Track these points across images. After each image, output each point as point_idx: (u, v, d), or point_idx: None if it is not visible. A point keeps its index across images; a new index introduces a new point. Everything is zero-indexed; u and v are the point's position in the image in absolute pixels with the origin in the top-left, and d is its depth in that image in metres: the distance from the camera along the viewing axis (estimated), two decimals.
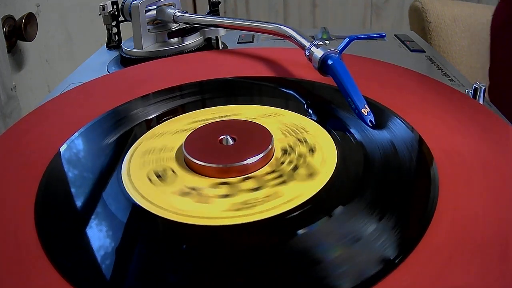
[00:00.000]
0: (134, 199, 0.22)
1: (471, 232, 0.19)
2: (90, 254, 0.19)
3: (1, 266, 0.19)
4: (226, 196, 0.22)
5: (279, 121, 0.28)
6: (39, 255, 0.19)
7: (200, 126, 0.27)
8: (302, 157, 0.25)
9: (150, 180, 0.24)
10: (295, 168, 0.24)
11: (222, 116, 0.29)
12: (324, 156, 0.25)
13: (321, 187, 0.22)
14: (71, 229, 0.21)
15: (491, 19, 0.58)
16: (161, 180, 0.24)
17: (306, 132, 0.27)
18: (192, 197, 0.22)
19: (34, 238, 0.20)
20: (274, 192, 0.22)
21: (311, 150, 0.25)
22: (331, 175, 0.23)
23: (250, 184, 0.23)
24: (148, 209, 0.22)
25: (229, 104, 0.31)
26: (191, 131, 0.27)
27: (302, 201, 0.21)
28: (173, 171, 0.24)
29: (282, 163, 0.24)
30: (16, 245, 0.20)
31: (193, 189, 0.23)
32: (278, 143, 0.26)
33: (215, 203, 0.22)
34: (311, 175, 0.23)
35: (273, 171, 0.24)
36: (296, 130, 0.27)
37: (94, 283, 0.18)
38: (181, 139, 0.26)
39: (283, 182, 0.23)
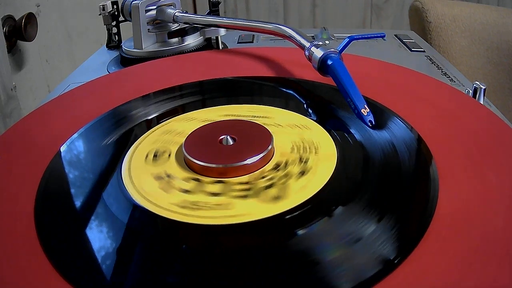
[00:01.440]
0: (134, 200, 0.22)
1: (471, 232, 0.19)
2: (89, 254, 0.19)
3: (1, 266, 0.19)
4: (187, 191, 0.22)
5: (299, 135, 0.27)
6: (39, 255, 0.19)
7: (201, 125, 0.27)
8: (287, 177, 0.23)
9: (146, 157, 0.25)
10: (269, 186, 0.23)
11: (254, 116, 0.29)
12: (308, 183, 0.23)
13: (274, 214, 0.21)
14: (71, 229, 0.21)
15: None
16: (154, 160, 0.25)
17: (315, 152, 0.25)
18: (160, 183, 0.23)
19: (34, 238, 0.20)
20: (228, 202, 0.22)
21: (302, 173, 0.24)
22: (294, 205, 0.21)
23: (216, 188, 0.23)
24: (148, 208, 0.22)
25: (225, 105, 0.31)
26: (191, 132, 0.27)
27: (243, 221, 0.20)
28: (169, 155, 0.25)
29: (263, 177, 0.23)
30: (16, 245, 0.20)
31: (168, 176, 0.24)
32: (278, 156, 0.25)
33: (171, 194, 0.22)
34: (277, 198, 0.22)
35: (247, 183, 0.23)
36: (308, 148, 0.26)
37: (93, 283, 0.18)
38: (174, 148, 0.27)
39: (244, 197, 0.22)
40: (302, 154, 0.25)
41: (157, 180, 0.24)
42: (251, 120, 0.28)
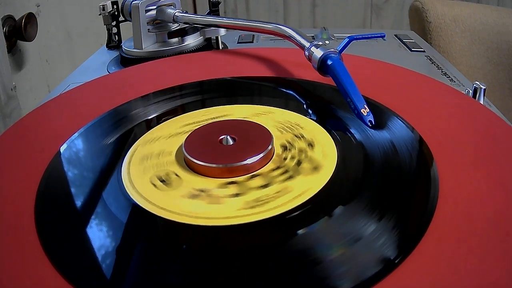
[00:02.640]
0: (135, 200, 0.22)
1: (471, 232, 0.19)
2: (90, 254, 0.19)
3: (1, 265, 0.19)
4: (236, 195, 0.22)
5: (272, 119, 0.28)
6: (39, 255, 0.19)
7: (199, 126, 0.27)
8: (303, 151, 0.25)
9: (154, 185, 0.23)
10: (299, 163, 0.24)
11: (213, 118, 0.29)
12: (324, 150, 0.25)
13: (328, 179, 0.23)
14: (71, 229, 0.21)
15: None
16: (166, 185, 0.23)
17: (301, 128, 0.27)
18: (202, 199, 0.22)
19: (34, 238, 0.20)
20: (284, 187, 0.22)
21: (310, 145, 0.25)
22: (335, 166, 0.23)
23: (257, 181, 0.23)
24: (152, 211, 0.22)
25: (224, 105, 0.31)
26: (190, 132, 0.27)
27: (313, 194, 0.22)
28: (176, 174, 0.24)
29: (285, 159, 0.25)
30: (16, 245, 0.20)
31: (202, 191, 0.23)
32: (276, 140, 0.26)
33: (227, 203, 0.22)
34: (315, 168, 0.23)
35: (278, 167, 0.24)
36: (291, 127, 0.27)
37: (94, 283, 0.18)
38: (177, 142, 0.26)
39: (290, 177, 0.23)
40: (293, 132, 0.26)
41: (195, 199, 0.22)
42: (251, 120, 0.28)
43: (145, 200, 0.22)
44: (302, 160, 0.24)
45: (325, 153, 0.25)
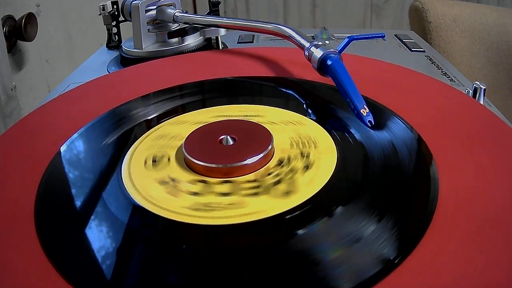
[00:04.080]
0: (135, 200, 0.22)
1: (471, 232, 0.19)
2: (90, 254, 0.19)
3: (1, 265, 0.19)
4: (196, 194, 0.22)
5: (295, 131, 0.27)
6: (39, 255, 0.19)
7: (200, 126, 0.27)
8: (293, 172, 0.24)
9: (145, 163, 0.25)
10: (277, 182, 0.23)
11: (246, 116, 0.29)
12: (314, 176, 0.23)
13: (288, 208, 0.21)
14: (71, 229, 0.21)
15: None
16: (154, 166, 0.24)
17: (315, 147, 0.26)
18: (166, 187, 0.23)
19: (34, 239, 0.20)
20: (241, 201, 0.22)
21: (306, 167, 0.24)
22: (308, 197, 0.22)
23: (225, 188, 0.23)
24: (148, 208, 0.22)
25: (224, 105, 0.31)
26: (191, 132, 0.27)
27: (260, 217, 0.20)
28: (168, 159, 0.25)
29: (269, 174, 0.24)
30: (16, 245, 0.20)
31: (173, 180, 0.23)
32: (279, 153, 0.25)
33: (181, 198, 0.22)
34: (287, 193, 0.22)
35: (254, 181, 0.23)
36: (306, 143, 0.26)
37: (94, 283, 0.18)
38: (174, 147, 0.27)
39: (255, 194, 0.22)
40: (303, 149, 0.25)
41: (162, 185, 0.23)
42: (250, 120, 0.28)
43: (152, 204, 0.22)
44: (282, 180, 0.23)
45: (313, 179, 0.23)
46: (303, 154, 0.25)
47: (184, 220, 0.21)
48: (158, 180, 0.24)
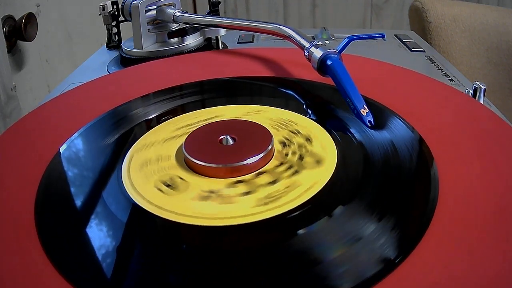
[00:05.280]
0: (135, 200, 0.22)
1: (471, 232, 0.19)
2: (90, 253, 0.19)
3: (1, 265, 0.19)
4: (247, 193, 0.22)
5: (265, 117, 0.29)
6: (39, 255, 0.19)
7: (199, 126, 0.27)
8: (303, 146, 0.25)
9: (161, 190, 0.23)
10: (301, 158, 0.24)
11: (205, 120, 0.29)
12: (322, 143, 0.25)
13: (332, 171, 0.23)
14: (71, 229, 0.21)
15: None
16: (173, 189, 0.23)
17: (295, 124, 0.28)
18: (213, 200, 0.22)
19: (35, 238, 0.20)
20: (292, 182, 0.23)
21: (308, 140, 0.26)
22: (336, 159, 0.24)
23: (265, 178, 0.23)
24: (169, 218, 0.22)
25: (224, 105, 0.31)
26: (190, 132, 0.27)
27: (322, 186, 0.22)
28: (181, 178, 0.24)
29: (287, 154, 0.25)
30: (16, 244, 0.20)
31: (211, 192, 0.23)
32: (274, 137, 0.26)
33: (240, 202, 0.22)
34: (318, 162, 0.24)
35: (281, 164, 0.24)
36: (285, 123, 0.28)
37: (94, 283, 0.18)
38: (173, 146, 0.26)
39: (296, 172, 0.23)
40: (289, 128, 0.26)
41: (207, 200, 0.22)
42: (250, 120, 0.28)
43: (155, 206, 0.22)
44: (303, 154, 0.25)
45: (324, 146, 0.25)
46: (293, 132, 0.26)
47: (184, 220, 0.21)
48: (197, 198, 0.22)
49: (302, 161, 0.24)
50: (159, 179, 0.24)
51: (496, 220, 0.19)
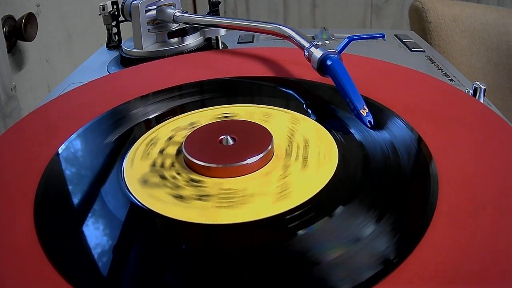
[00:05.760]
0: (135, 200, 0.22)
1: (471, 232, 0.19)
2: (89, 252, 0.19)
3: (0, 264, 0.19)
4: (249, 193, 0.22)
5: (293, 131, 0.28)
6: (39, 254, 0.19)
7: (199, 126, 0.27)
8: (303, 147, 0.26)
9: (162, 191, 0.23)
10: (302, 158, 0.25)
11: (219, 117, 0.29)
12: (323, 144, 0.26)
13: (333, 172, 0.23)
14: (70, 228, 0.21)
15: None
16: (174, 189, 0.23)
17: (298, 122, 0.28)
18: (214, 199, 0.22)
19: (34, 238, 0.20)
20: (293, 182, 0.23)
21: (309, 140, 0.26)
22: (336, 159, 0.24)
23: (266, 178, 0.23)
24: (160, 213, 0.22)
25: (224, 104, 0.31)
26: (190, 132, 0.27)
27: (322, 186, 0.22)
28: (182, 178, 0.24)
29: (287, 154, 0.25)
30: (16, 244, 0.20)
31: (212, 191, 0.22)
32: (278, 140, 0.26)
33: (242, 202, 0.22)
34: (319, 162, 0.24)
35: (282, 163, 0.24)
36: (305, 143, 0.27)
37: (92, 281, 0.18)
38: (173, 146, 0.26)
39: (297, 172, 0.24)
40: (302, 151, 0.26)
41: (205, 200, 0.22)
42: (250, 120, 0.28)
43: (157, 206, 0.22)
44: (304, 155, 0.25)
45: (324, 146, 0.26)
46: (304, 157, 0.25)
47: (184, 219, 0.21)
48: (158, 178, 0.23)
49: (303, 162, 0.24)
50: (160, 180, 0.24)
51: (496, 220, 0.19)
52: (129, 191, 0.23)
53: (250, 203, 0.22)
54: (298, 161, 0.24)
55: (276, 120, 0.29)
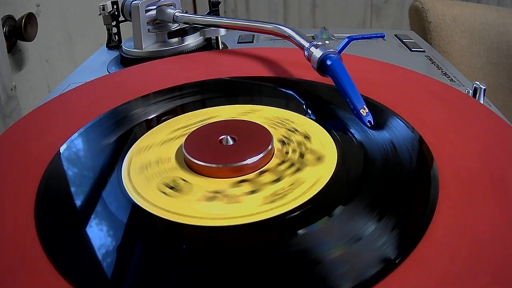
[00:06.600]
0: (135, 200, 0.22)
1: (471, 232, 0.19)
2: (90, 253, 0.19)
3: (1, 265, 0.19)
4: (253, 192, 0.22)
5: (261, 116, 0.29)
6: (39, 255, 0.19)
7: (199, 126, 0.27)
8: (302, 144, 0.25)
9: (164, 193, 0.23)
10: (302, 155, 0.25)
11: (201, 121, 0.29)
12: (321, 141, 0.26)
13: (333, 170, 0.23)
14: (71, 229, 0.21)
15: None
16: (177, 191, 0.23)
17: (292, 122, 0.28)
18: (220, 200, 0.22)
19: (34, 238, 0.20)
20: (296, 179, 0.23)
21: (307, 137, 0.26)
22: (336, 159, 0.24)
23: (268, 177, 0.23)
24: (176, 220, 0.22)
25: (224, 105, 0.31)
26: (190, 132, 0.27)
27: (325, 182, 0.22)
28: (183, 179, 0.24)
29: (287, 152, 0.25)
30: (16, 244, 0.20)
31: (217, 192, 0.22)
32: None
33: (246, 201, 0.22)
34: (319, 158, 0.24)
35: (283, 162, 0.24)
36: (282, 122, 0.28)
37: (94, 283, 0.18)
38: (172, 148, 0.26)
39: (298, 170, 0.23)
40: (286, 126, 0.27)
41: (213, 200, 0.22)
42: (250, 120, 0.28)
43: (159, 208, 0.22)
44: (304, 152, 0.25)
45: (323, 143, 0.25)
46: (291, 130, 0.26)
47: (185, 221, 0.21)
48: (203, 199, 0.22)
49: (303, 159, 0.24)
50: (161, 181, 0.24)
51: (496, 220, 0.19)
52: (130, 192, 0.23)
53: (280, 193, 0.22)
54: (299, 159, 0.24)
55: (256, 115, 0.29)
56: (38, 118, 0.32)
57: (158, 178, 0.24)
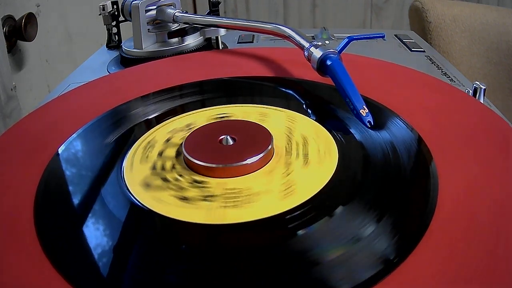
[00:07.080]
0: (135, 200, 0.22)
1: (471, 232, 0.19)
2: (89, 252, 0.19)
3: (1, 265, 0.19)
4: (252, 192, 0.22)
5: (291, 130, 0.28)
6: (39, 255, 0.19)
7: (199, 127, 0.27)
8: (302, 144, 0.26)
9: (164, 193, 0.23)
10: (302, 155, 0.25)
11: (215, 118, 0.29)
12: (323, 143, 0.26)
13: (333, 171, 0.23)
14: (70, 228, 0.21)
15: None
16: (177, 191, 0.23)
17: (292, 122, 0.28)
18: (219, 200, 0.22)
19: (34, 238, 0.20)
20: (296, 179, 0.23)
21: (308, 140, 0.26)
22: (336, 159, 0.24)
23: (268, 177, 0.23)
24: (164, 214, 0.22)
25: (224, 104, 0.31)
26: (190, 132, 0.27)
27: (325, 182, 0.22)
28: (183, 179, 0.24)
29: (287, 153, 0.25)
30: (16, 244, 0.20)
31: (216, 191, 0.22)
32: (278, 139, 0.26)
33: (246, 201, 0.22)
34: (319, 159, 0.24)
35: (283, 162, 0.24)
36: (305, 143, 0.27)
37: (93, 282, 0.18)
38: (172, 148, 0.26)
39: (298, 170, 0.24)
40: (302, 149, 0.26)
41: (207, 199, 0.22)
42: (250, 120, 0.28)
43: (160, 208, 0.22)
44: (303, 152, 0.25)
45: (324, 146, 0.26)
46: (305, 155, 0.25)
47: (191, 220, 0.21)
48: (160, 181, 0.23)
49: (304, 161, 0.24)
50: (161, 181, 0.24)
51: (496, 220, 0.19)
52: (132, 194, 0.23)
53: (256, 201, 0.22)
54: (299, 159, 0.24)
55: (273, 119, 0.29)
56: (38, 118, 0.32)
57: (158, 178, 0.24)
